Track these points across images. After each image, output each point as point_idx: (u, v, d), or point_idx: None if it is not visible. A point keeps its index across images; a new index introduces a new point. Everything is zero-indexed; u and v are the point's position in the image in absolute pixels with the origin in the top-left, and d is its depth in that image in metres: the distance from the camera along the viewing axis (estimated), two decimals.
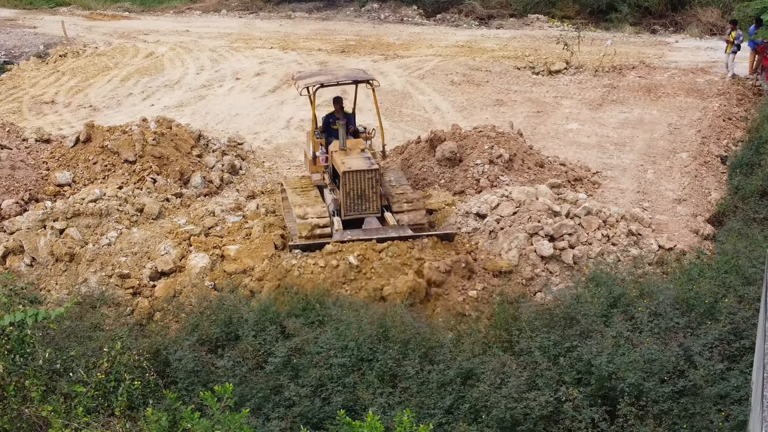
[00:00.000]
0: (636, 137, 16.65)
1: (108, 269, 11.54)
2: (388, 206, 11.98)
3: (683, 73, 20.74)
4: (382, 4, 31.00)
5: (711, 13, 26.61)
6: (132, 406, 6.76)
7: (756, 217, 11.96)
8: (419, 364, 8.34)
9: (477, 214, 12.16)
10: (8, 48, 26.90)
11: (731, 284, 9.09)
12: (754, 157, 13.96)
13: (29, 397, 5.66)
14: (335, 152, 12.15)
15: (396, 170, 13.37)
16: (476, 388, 7.89)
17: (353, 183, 11.55)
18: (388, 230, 11.41)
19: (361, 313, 9.18)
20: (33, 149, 14.74)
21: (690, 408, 7.45)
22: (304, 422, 7.59)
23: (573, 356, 8.05)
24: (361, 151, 12.14)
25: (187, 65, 23.86)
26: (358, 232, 11.33)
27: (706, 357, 7.84)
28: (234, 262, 11.48)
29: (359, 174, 11.56)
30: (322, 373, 8.24)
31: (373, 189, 11.62)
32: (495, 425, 7.51)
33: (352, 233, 11.26)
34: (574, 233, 11.51)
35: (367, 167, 11.63)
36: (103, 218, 12.32)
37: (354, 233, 11.27)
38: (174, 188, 13.94)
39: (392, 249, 10.91)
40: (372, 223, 11.58)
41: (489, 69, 21.84)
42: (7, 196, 13.28)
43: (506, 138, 14.31)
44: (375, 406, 7.66)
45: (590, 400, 7.65)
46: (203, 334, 9.00)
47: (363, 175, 11.56)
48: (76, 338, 8.41)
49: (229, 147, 15.83)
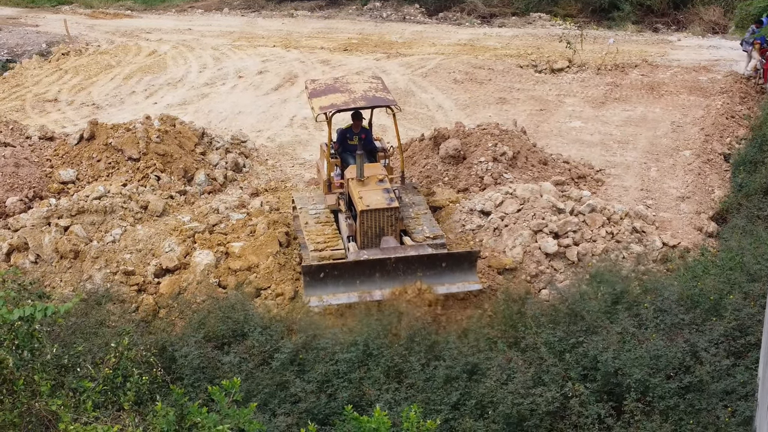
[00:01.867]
0: (639, 135, 16.66)
1: (112, 266, 11.55)
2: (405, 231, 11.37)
3: (686, 71, 20.74)
4: (384, 2, 30.99)
5: (713, 12, 26.59)
6: (139, 401, 6.78)
7: (760, 215, 11.96)
8: (425, 358, 8.36)
9: (481, 212, 12.18)
10: (11, 46, 26.91)
11: (736, 281, 9.10)
12: (758, 155, 13.95)
13: (38, 392, 5.67)
14: (351, 181, 11.23)
15: (412, 190, 12.41)
16: (482, 383, 7.91)
17: (371, 221, 10.78)
18: (407, 249, 10.65)
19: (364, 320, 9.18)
20: (37, 147, 14.77)
21: (696, 404, 7.47)
22: (311, 418, 7.61)
23: (579, 352, 8.07)
24: (379, 181, 11.23)
25: (190, 63, 23.88)
26: (375, 251, 10.63)
27: (712, 353, 7.85)
28: (238, 259, 11.50)
29: (378, 213, 10.76)
30: (328, 369, 8.26)
31: (392, 226, 10.89)
32: (501, 421, 7.52)
33: (369, 252, 10.59)
34: (578, 230, 11.52)
35: (386, 205, 10.78)
36: (108, 215, 12.34)
37: (371, 252, 10.60)
38: (178, 186, 13.96)
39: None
40: (389, 242, 10.80)
41: (492, 67, 21.84)
42: (12, 193, 13.30)
43: (510, 136, 14.33)
44: (381, 401, 7.68)
45: (596, 395, 7.68)
46: (209, 331, 9.02)
47: (382, 213, 10.77)
48: (82, 334, 8.42)
49: (232, 145, 15.85)
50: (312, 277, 10.19)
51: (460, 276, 10.43)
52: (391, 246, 10.70)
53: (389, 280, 10.26)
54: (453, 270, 10.39)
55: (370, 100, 11.78)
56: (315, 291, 10.20)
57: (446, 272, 10.37)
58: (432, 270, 10.31)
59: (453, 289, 10.41)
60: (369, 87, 12.13)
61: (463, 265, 10.46)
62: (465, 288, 10.48)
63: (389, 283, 10.24)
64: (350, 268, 10.31)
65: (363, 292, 10.18)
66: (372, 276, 10.25)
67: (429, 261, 10.33)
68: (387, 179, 11.32)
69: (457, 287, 10.42)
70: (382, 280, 10.26)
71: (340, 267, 10.32)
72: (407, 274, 10.25)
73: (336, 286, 10.22)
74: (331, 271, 10.24)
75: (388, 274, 10.25)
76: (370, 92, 11.98)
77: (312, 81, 12.79)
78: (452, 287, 10.39)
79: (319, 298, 10.18)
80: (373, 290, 10.20)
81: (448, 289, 10.39)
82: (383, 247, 10.71)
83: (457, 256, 10.54)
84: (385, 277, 10.26)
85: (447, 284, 10.35)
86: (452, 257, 10.50)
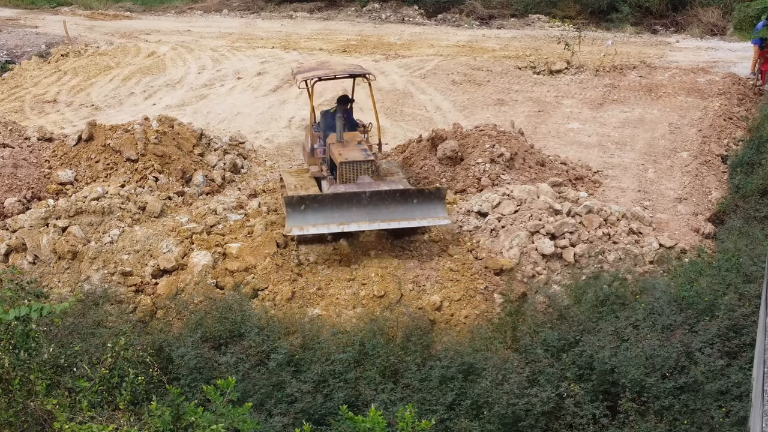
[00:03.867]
0: (637, 136, 16.69)
1: (110, 267, 11.57)
2: None
3: (684, 72, 20.77)
4: (383, 4, 31.03)
5: (712, 13, 26.63)
6: (135, 401, 6.80)
7: (756, 216, 11.99)
8: (421, 358, 8.39)
9: (478, 213, 12.20)
10: (10, 47, 26.95)
11: (731, 282, 9.13)
12: (755, 157, 13.98)
13: (34, 391, 5.70)
14: (333, 144, 12.49)
15: (392, 162, 13.68)
16: (478, 384, 7.94)
17: (349, 173, 11.90)
18: (380, 185, 11.75)
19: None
20: (35, 148, 14.78)
21: (691, 404, 7.49)
22: (307, 418, 7.63)
23: (575, 352, 8.09)
24: (357, 143, 12.49)
25: (189, 65, 23.91)
26: (351, 186, 11.67)
27: (707, 353, 7.88)
28: (236, 260, 11.52)
29: (356, 164, 11.90)
30: (324, 369, 8.29)
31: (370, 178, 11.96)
32: (496, 421, 7.55)
33: (346, 187, 11.62)
34: (575, 231, 11.54)
35: (363, 158, 11.99)
36: (106, 216, 12.36)
37: (348, 187, 11.61)
38: (176, 187, 13.98)
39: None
40: (365, 179, 11.87)
41: (490, 69, 21.88)
42: (10, 194, 13.32)
43: (507, 137, 14.35)
44: (377, 402, 7.71)
45: (591, 395, 7.70)
46: (206, 332, 9.05)
47: (359, 165, 11.91)
48: (79, 335, 8.46)
49: (230, 146, 15.87)
50: (293, 208, 11.16)
51: (430, 212, 11.37)
52: (366, 182, 11.80)
53: (364, 213, 11.24)
54: (423, 205, 11.35)
55: (347, 71, 13.46)
56: (296, 221, 11.18)
57: (417, 208, 11.31)
58: (403, 205, 11.28)
59: (423, 222, 11.40)
60: (348, 65, 14.10)
61: (432, 202, 11.40)
62: (434, 222, 11.44)
63: (364, 216, 11.21)
64: (329, 201, 11.31)
65: (340, 224, 11.16)
66: (349, 209, 11.23)
67: (401, 196, 11.32)
68: (365, 143, 12.56)
69: (427, 221, 11.39)
70: (357, 213, 11.24)
71: (320, 199, 11.35)
72: (380, 209, 11.23)
73: (315, 218, 11.18)
74: (311, 203, 11.22)
75: (363, 207, 11.24)
76: (348, 67, 14.03)
77: (299, 63, 14.23)
78: (422, 221, 11.37)
79: (300, 228, 11.16)
80: (350, 222, 11.17)
81: (419, 223, 11.39)
82: (359, 182, 11.83)
83: (427, 193, 11.50)
84: (360, 210, 11.25)
85: (418, 219, 11.33)
86: (422, 193, 11.49)
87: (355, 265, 11.28)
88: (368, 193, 11.28)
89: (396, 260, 11.30)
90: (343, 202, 11.28)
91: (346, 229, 11.23)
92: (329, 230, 11.24)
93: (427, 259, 11.41)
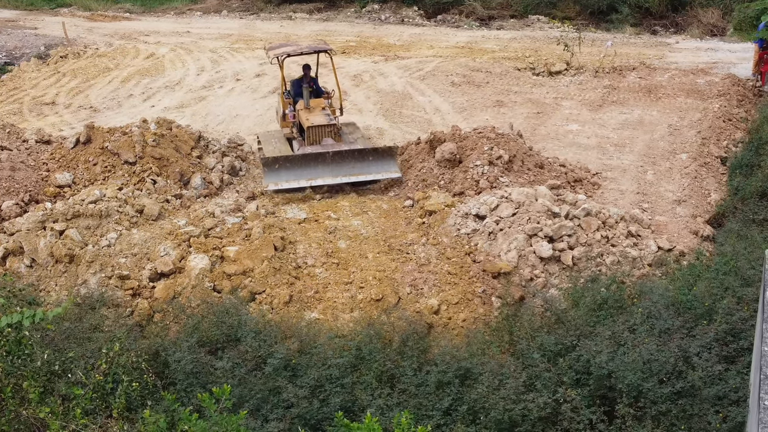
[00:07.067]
0: (636, 138, 16.65)
1: (108, 270, 11.53)
2: None
3: (683, 74, 20.73)
4: (382, 5, 31.00)
5: (711, 14, 26.61)
6: (130, 407, 6.77)
7: (755, 219, 11.95)
8: (417, 363, 8.35)
9: (476, 216, 12.16)
10: (9, 49, 26.93)
11: (729, 285, 9.08)
12: (754, 159, 13.94)
13: (27, 399, 5.67)
14: (301, 110, 15.02)
15: (351, 125, 15.99)
16: (474, 389, 7.90)
17: (316, 136, 14.41)
18: (341, 146, 14.23)
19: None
20: (33, 150, 14.75)
21: (688, 409, 7.46)
22: (303, 423, 7.60)
23: (572, 356, 8.06)
24: (322, 109, 14.99)
25: (188, 66, 23.89)
26: (317, 147, 14.15)
27: (704, 358, 7.84)
28: (234, 264, 11.48)
29: (321, 128, 14.45)
30: (321, 374, 8.25)
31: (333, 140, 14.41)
32: (493, 426, 7.52)
33: (312, 148, 14.11)
34: (574, 234, 11.50)
35: (327, 122, 14.56)
36: (103, 219, 12.32)
37: (314, 148, 14.14)
38: (174, 189, 13.95)
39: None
40: (328, 141, 14.33)
41: (489, 70, 21.84)
42: (7, 197, 13.29)
43: (506, 139, 14.31)
44: (373, 407, 7.67)
45: (588, 401, 7.67)
46: (203, 336, 9.01)
47: (324, 129, 14.46)
48: (75, 340, 8.41)
49: (229, 148, 15.83)
50: (269, 167, 13.79)
51: (384, 167, 13.95)
52: (330, 143, 14.36)
53: (329, 170, 13.79)
54: (378, 162, 13.91)
55: (312, 47, 16.09)
56: (272, 178, 13.79)
57: (372, 164, 13.87)
58: (361, 162, 13.82)
59: (378, 176, 13.93)
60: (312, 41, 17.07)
61: (385, 159, 13.96)
62: (387, 176, 13.95)
63: (329, 172, 13.76)
64: (298, 160, 13.90)
65: (309, 179, 13.73)
66: (315, 166, 13.77)
67: (359, 155, 13.86)
68: (329, 108, 15.14)
69: (381, 175, 13.94)
70: (323, 169, 13.79)
71: (291, 159, 13.96)
72: (342, 165, 13.80)
73: (288, 175, 13.75)
74: (284, 162, 13.82)
75: (327, 165, 13.80)
76: (313, 44, 17.14)
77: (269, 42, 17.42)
78: (377, 175, 13.92)
79: (275, 184, 13.68)
80: (316, 177, 13.76)
81: (374, 177, 13.89)
82: (324, 143, 14.37)
83: (381, 151, 14.06)
84: (325, 167, 13.80)
85: (373, 173, 13.86)
86: (377, 152, 14.02)
87: (353, 268, 11.26)
88: (331, 152, 13.79)
89: (394, 263, 11.28)
90: (311, 160, 13.78)
91: (313, 184, 13.62)
92: (299, 185, 13.61)
93: (425, 262, 11.39)
